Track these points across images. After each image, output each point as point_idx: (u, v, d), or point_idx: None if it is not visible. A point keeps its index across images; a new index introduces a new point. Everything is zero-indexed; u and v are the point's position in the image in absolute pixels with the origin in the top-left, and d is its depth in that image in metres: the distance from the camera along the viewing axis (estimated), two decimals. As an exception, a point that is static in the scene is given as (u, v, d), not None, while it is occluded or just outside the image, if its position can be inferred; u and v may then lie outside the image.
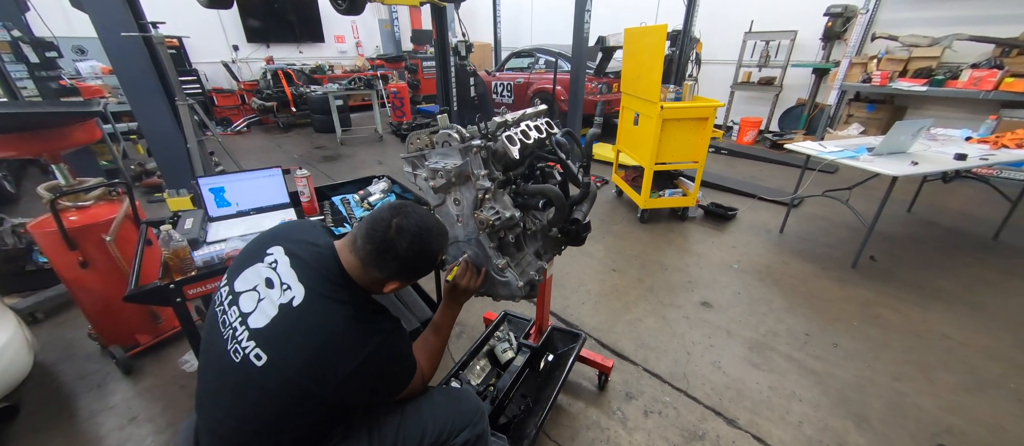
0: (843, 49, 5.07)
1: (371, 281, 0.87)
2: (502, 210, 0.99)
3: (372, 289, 0.89)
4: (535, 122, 1.17)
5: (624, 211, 3.64)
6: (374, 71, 8.22)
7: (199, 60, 7.13)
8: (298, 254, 0.86)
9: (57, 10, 5.34)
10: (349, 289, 0.85)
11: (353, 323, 0.80)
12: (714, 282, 2.58)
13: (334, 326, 0.79)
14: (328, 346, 0.78)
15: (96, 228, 1.64)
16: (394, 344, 0.86)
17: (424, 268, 0.90)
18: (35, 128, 1.48)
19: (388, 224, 0.84)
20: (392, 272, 0.86)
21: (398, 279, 0.88)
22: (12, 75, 3.11)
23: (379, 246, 0.83)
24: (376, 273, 0.85)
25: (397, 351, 0.88)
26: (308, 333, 0.78)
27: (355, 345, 0.79)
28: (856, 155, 2.57)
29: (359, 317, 0.82)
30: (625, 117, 3.59)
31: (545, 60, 6.07)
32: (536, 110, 1.21)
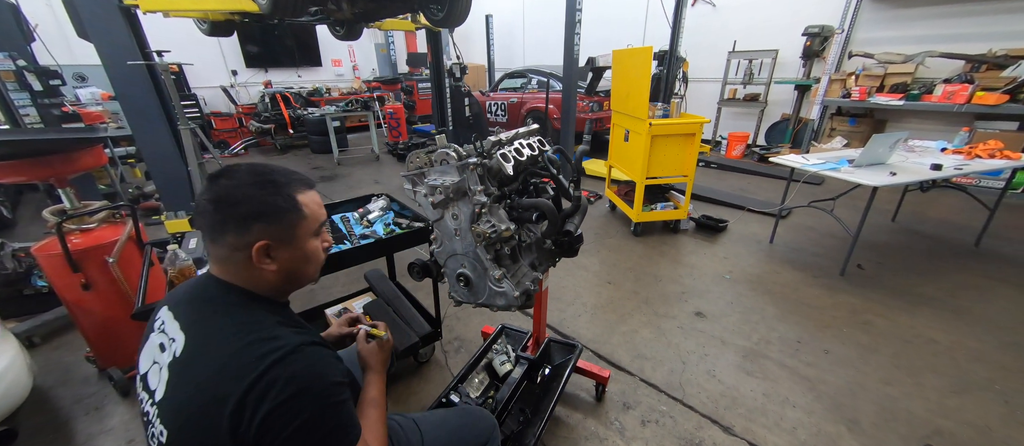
0: (823, 66, 5.29)
1: (239, 265, 0.72)
2: (498, 223, 1.05)
3: (262, 282, 0.74)
4: (528, 140, 1.24)
5: (618, 225, 3.71)
6: (371, 93, 8.39)
7: (198, 85, 7.26)
8: (177, 301, 0.76)
9: (59, 38, 5.45)
10: (233, 301, 0.72)
11: (239, 340, 0.66)
12: (707, 292, 2.64)
13: (217, 352, 0.66)
14: (214, 379, 0.63)
15: (99, 250, 1.68)
16: (301, 362, 0.65)
17: (275, 202, 0.73)
18: (45, 154, 1.53)
19: (206, 185, 0.74)
20: (236, 225, 0.70)
21: (254, 231, 0.71)
22: (15, 102, 3.17)
23: (204, 207, 0.71)
24: (227, 242, 0.71)
25: (310, 371, 0.66)
26: (195, 377, 0.65)
27: (243, 366, 0.63)
28: (838, 167, 2.68)
29: (247, 329, 0.67)
30: (616, 134, 3.70)
31: (537, 80, 6.25)
32: (528, 129, 1.28)
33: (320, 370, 0.68)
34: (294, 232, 0.75)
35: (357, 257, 1.54)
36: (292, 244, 0.75)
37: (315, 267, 0.82)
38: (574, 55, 4.58)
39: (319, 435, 0.64)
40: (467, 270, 1.14)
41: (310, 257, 0.80)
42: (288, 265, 0.76)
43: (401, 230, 1.80)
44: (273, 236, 0.73)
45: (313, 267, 0.82)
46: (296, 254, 0.76)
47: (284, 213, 0.74)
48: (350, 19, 4.19)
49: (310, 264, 0.80)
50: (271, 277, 0.75)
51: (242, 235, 0.71)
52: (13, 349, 1.50)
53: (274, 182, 0.74)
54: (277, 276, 0.75)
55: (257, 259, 0.72)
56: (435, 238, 1.17)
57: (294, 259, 0.76)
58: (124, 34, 2.96)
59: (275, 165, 0.79)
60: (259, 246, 0.71)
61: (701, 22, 6.32)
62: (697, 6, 6.25)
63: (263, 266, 0.73)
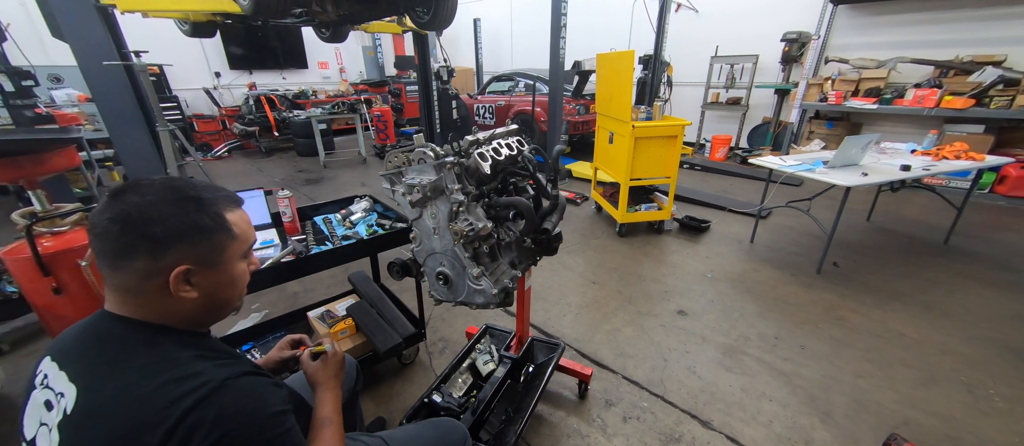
0: (801, 71, 5.44)
1: (151, 296, 0.62)
2: (475, 222, 1.06)
3: (177, 314, 0.65)
4: (507, 140, 1.26)
5: (603, 226, 3.75)
6: (358, 96, 8.34)
7: (180, 87, 7.13)
8: (63, 348, 0.64)
9: (33, 38, 5.30)
10: (135, 339, 0.61)
11: (148, 383, 0.56)
12: (689, 291, 2.69)
13: (121, 401, 0.56)
14: (121, 432, 0.54)
15: (71, 254, 1.64)
16: (228, 399, 0.57)
17: (199, 221, 0.63)
18: (12, 154, 1.49)
19: (107, 201, 0.61)
20: (148, 249, 0.59)
21: (172, 255, 0.61)
22: (-15, 103, 3.08)
23: (104, 228, 0.59)
24: (135, 268, 0.60)
25: (239, 407, 0.58)
26: (96, 435, 0.55)
27: (157, 413, 0.54)
28: (813, 168, 2.76)
29: (157, 370, 0.58)
30: (601, 136, 3.75)
31: (524, 84, 6.29)
32: (507, 129, 1.30)
33: (252, 405, 0.59)
34: (221, 255, 0.66)
35: (338, 258, 1.54)
36: (218, 268, 0.67)
37: (240, 292, 0.73)
38: (560, 59, 4.63)
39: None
40: (446, 269, 1.15)
41: (236, 281, 0.71)
42: (211, 291, 0.66)
43: (384, 231, 1.80)
44: (196, 260, 0.63)
45: (238, 292, 0.73)
46: (222, 279, 0.68)
47: (210, 233, 0.65)
48: (335, 21, 4.17)
49: (235, 289, 0.71)
50: (189, 306, 0.65)
51: (158, 259, 0.60)
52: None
53: (198, 198, 0.65)
54: (196, 305, 0.65)
55: (175, 286, 0.62)
56: (414, 237, 1.18)
57: (219, 284, 0.67)
58: (101, 34, 2.90)
59: (195, 180, 0.72)
60: (178, 271, 0.61)
61: (684, 28, 6.46)
62: (680, 12, 6.38)
63: (181, 294, 0.62)
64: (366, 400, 1.81)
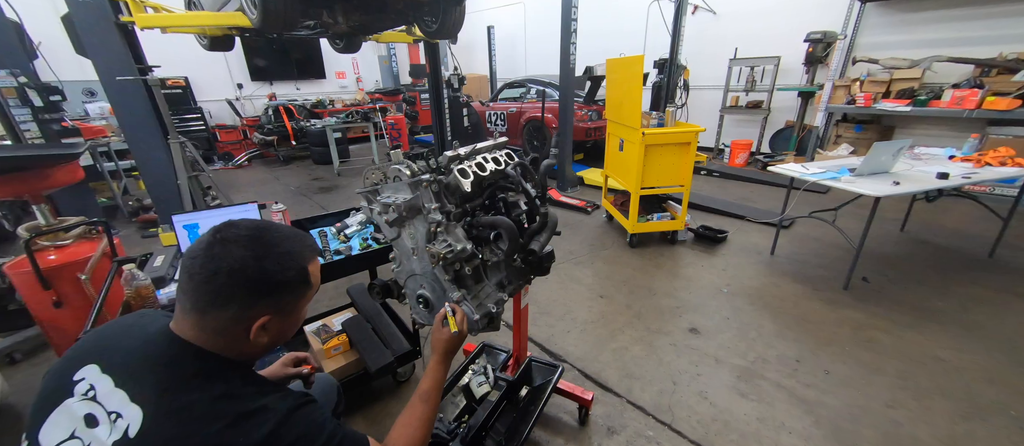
0: (826, 72, 5.18)
1: (230, 337, 0.65)
2: (454, 243, 0.99)
3: (242, 351, 0.68)
4: (493, 154, 1.19)
5: (614, 236, 3.63)
6: (373, 104, 8.47)
7: (204, 98, 7.39)
8: (121, 363, 0.64)
9: (69, 55, 5.59)
10: (206, 370, 0.63)
11: (222, 418, 0.59)
12: (703, 306, 2.54)
13: (198, 434, 0.57)
14: None
15: (72, 267, 1.66)
16: (298, 426, 0.63)
17: (287, 277, 0.68)
18: (15, 170, 1.52)
19: (207, 244, 0.64)
20: (243, 300, 0.64)
21: (260, 307, 0.66)
22: (16, 118, 3.23)
23: (207, 275, 0.62)
24: (225, 315, 0.64)
25: (307, 431, 0.63)
26: None
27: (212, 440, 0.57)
28: (838, 176, 2.58)
29: (227, 403, 0.61)
30: (611, 143, 3.64)
31: (536, 90, 6.23)
32: (494, 142, 1.23)
33: (313, 426, 0.65)
34: (297, 305, 0.72)
35: (326, 275, 1.50)
36: (292, 317, 0.72)
37: (290, 335, 0.77)
38: (571, 64, 4.56)
39: None
40: (427, 291, 1.09)
41: (296, 323, 0.76)
42: (279, 335, 0.72)
43: (379, 245, 1.76)
44: (277, 310, 0.68)
45: (290, 333, 0.77)
46: (292, 324, 0.74)
47: (295, 288, 0.70)
48: (347, 32, 4.22)
49: (292, 327, 0.76)
50: (258, 348, 0.69)
51: (248, 310, 0.65)
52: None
53: (289, 253, 0.69)
54: (265, 347, 0.70)
55: (255, 334, 0.66)
56: (394, 257, 1.12)
57: (286, 328, 0.73)
58: (121, 50, 3.00)
59: (283, 227, 0.74)
60: (262, 322, 0.66)
61: (702, 30, 6.28)
62: (697, 14, 6.20)
63: (256, 339, 0.67)
64: (358, 419, 1.76)
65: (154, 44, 4.82)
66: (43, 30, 4.39)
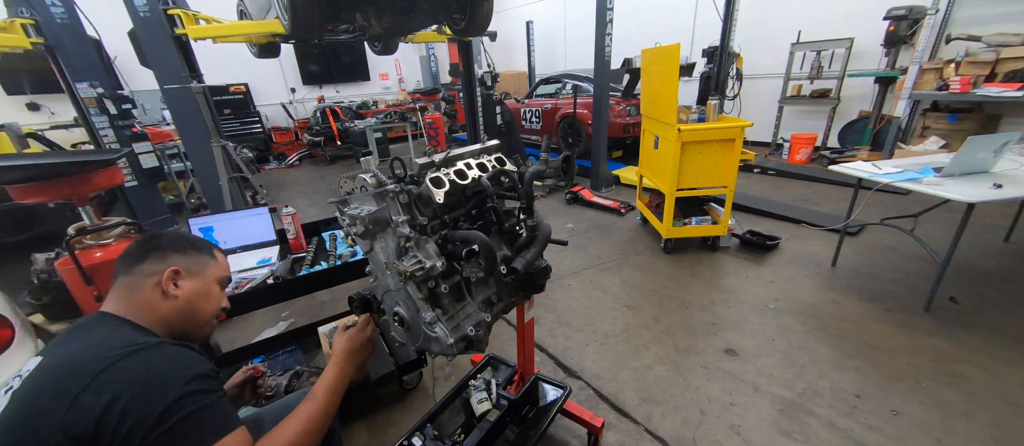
0: (911, 54, 4.47)
1: (148, 290, 0.78)
2: (424, 260, 0.90)
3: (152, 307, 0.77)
4: (479, 159, 1.08)
5: (647, 240, 3.38)
6: (413, 104, 8.68)
7: (262, 102, 7.97)
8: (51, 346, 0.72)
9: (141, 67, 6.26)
10: (107, 323, 0.71)
11: (98, 346, 0.64)
12: (743, 324, 2.26)
13: (69, 356, 0.63)
14: (51, 382, 0.60)
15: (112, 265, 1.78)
16: (152, 360, 0.64)
17: (193, 241, 0.90)
18: (60, 175, 1.66)
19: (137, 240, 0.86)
20: (163, 250, 0.83)
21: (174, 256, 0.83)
22: (96, 125, 3.63)
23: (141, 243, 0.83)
24: (149, 268, 0.80)
25: (159, 367, 0.63)
26: (37, 381, 0.62)
27: (87, 362, 0.60)
28: (919, 177, 2.17)
29: (112, 339, 0.66)
30: (646, 140, 3.39)
31: (572, 85, 6.01)
32: (482, 146, 1.12)
33: (178, 361, 0.66)
34: (204, 269, 0.88)
35: (324, 282, 1.48)
36: (199, 277, 0.86)
37: (210, 313, 0.89)
38: (606, 56, 4.32)
39: (175, 422, 0.60)
40: (401, 309, 1.01)
41: (210, 296, 0.88)
42: (190, 296, 0.83)
43: (383, 250, 1.72)
44: (185, 267, 0.84)
45: (210, 309, 0.88)
46: (199, 288, 0.85)
47: (200, 251, 0.89)
48: (382, 34, 4.30)
49: (210, 303, 0.88)
50: (170, 306, 0.80)
51: (160, 262, 0.81)
52: (27, 354, 1.63)
53: (198, 239, 0.93)
54: (176, 307, 0.80)
55: (166, 282, 0.79)
56: (370, 271, 1.06)
57: (197, 292, 0.85)
58: (175, 61, 3.26)
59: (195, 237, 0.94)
60: (171, 270, 0.81)
61: (759, 12, 5.69)
62: (753, -5, 5.63)
63: (169, 290, 0.79)
64: (361, 428, 1.74)
65: (219, 55, 5.25)
66: (118, 46, 4.91)
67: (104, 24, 3.69)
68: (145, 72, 5.53)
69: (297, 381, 1.67)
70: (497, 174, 1.04)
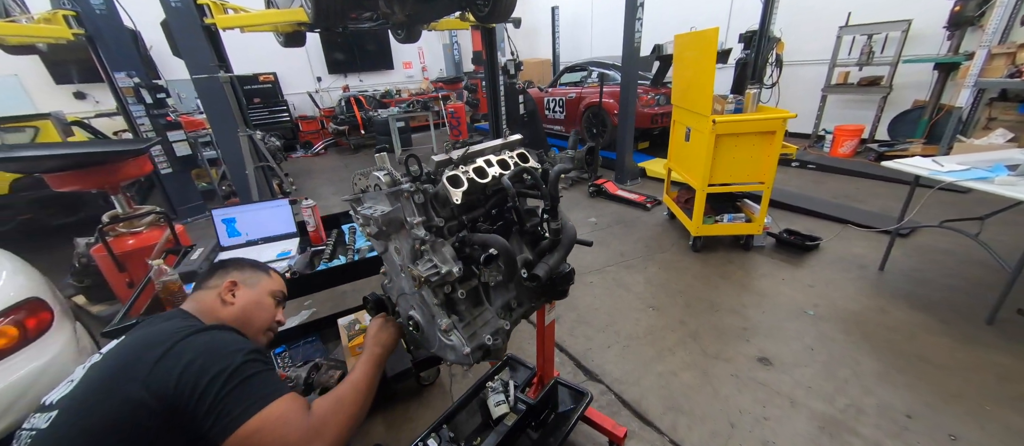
0: (979, 37, 4.04)
1: (211, 298, 0.91)
2: (441, 264, 0.84)
3: (214, 310, 0.90)
4: (500, 155, 1.00)
5: (675, 236, 3.23)
6: (436, 93, 8.65)
7: (290, 91, 8.13)
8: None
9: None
10: (177, 315, 0.84)
11: (167, 327, 0.75)
12: (778, 331, 2.12)
13: (141, 338, 0.73)
14: (133, 352, 0.71)
15: (143, 252, 1.83)
16: (218, 335, 0.76)
17: (251, 262, 1.05)
18: (90, 165, 1.71)
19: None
20: (225, 269, 0.98)
21: (233, 272, 0.98)
22: (134, 114, 3.77)
23: (210, 265, 1.04)
24: (214, 282, 0.94)
25: (224, 339, 0.75)
26: (110, 360, 0.72)
27: (165, 337, 0.71)
28: (990, 176, 1.95)
29: (177, 324, 0.77)
30: (676, 132, 3.22)
31: (599, 73, 5.81)
32: (503, 141, 1.04)
33: (238, 338, 0.77)
34: (258, 282, 1.00)
35: (338, 278, 1.45)
36: (254, 288, 0.98)
37: (264, 321, 0.98)
38: (636, 42, 4.13)
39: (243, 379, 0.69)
40: (416, 313, 0.96)
41: (263, 306, 0.98)
42: (245, 304, 0.94)
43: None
44: (242, 279, 0.98)
45: (264, 317, 0.98)
46: (253, 297, 0.97)
47: (256, 269, 1.03)
48: (404, 22, 4.25)
49: (263, 312, 0.98)
50: (228, 312, 0.91)
51: (222, 277, 0.96)
52: (66, 337, 1.70)
53: (258, 262, 1.08)
54: (234, 312, 0.92)
55: (224, 291, 0.93)
56: (385, 272, 1.01)
57: (251, 301, 0.96)
58: (205, 50, 3.32)
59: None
60: (229, 281, 0.95)
61: (803, -7, 5.30)
62: (798, -26, 5.24)
63: (226, 298, 0.92)
64: (378, 422, 1.74)
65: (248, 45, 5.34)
66: (153, 36, 5.08)
67: (140, 15, 3.79)
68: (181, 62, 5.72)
69: (316, 373, 1.67)
70: (519, 172, 0.96)
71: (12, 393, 1.40)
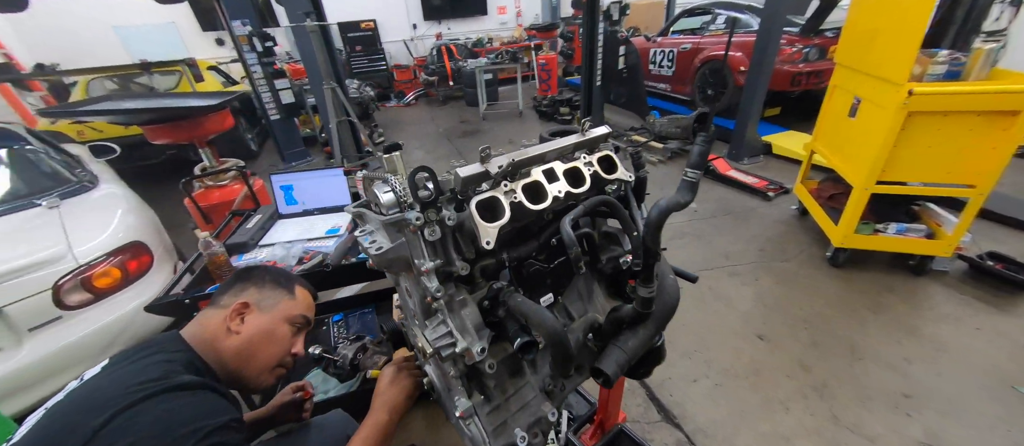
0: None
1: (216, 321, 0.74)
2: (458, 334, 0.56)
3: (215, 339, 0.73)
4: (571, 162, 0.65)
5: (805, 241, 2.51)
6: (528, 42, 8.07)
7: (387, 39, 8.29)
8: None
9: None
10: (164, 346, 0.67)
11: (124, 377, 0.59)
12: (963, 407, 1.48)
13: (87, 394, 0.59)
14: (75, 412, 0.57)
15: (225, 206, 1.90)
16: (177, 404, 0.57)
17: (276, 274, 0.85)
18: (173, 119, 1.75)
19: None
20: (243, 282, 0.81)
21: (250, 289, 0.80)
22: (248, 61, 4.07)
23: (235, 274, 0.83)
24: (226, 300, 0.78)
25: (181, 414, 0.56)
26: (63, 408, 0.58)
27: (112, 396, 0.56)
28: None
29: (146, 372, 0.60)
30: (836, 100, 2.37)
31: (726, 17, 4.69)
32: (577, 139, 0.68)
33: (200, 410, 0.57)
34: (276, 305, 0.80)
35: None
36: (267, 313, 0.78)
37: (270, 360, 0.77)
38: (787, -25, 3.12)
39: None
40: (432, 374, 0.71)
41: (275, 338, 0.78)
42: (252, 335, 0.75)
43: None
44: (256, 301, 0.79)
45: (270, 355, 0.77)
46: (264, 326, 0.77)
47: (278, 286, 0.83)
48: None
49: (271, 346, 0.77)
50: (230, 345, 0.73)
51: (236, 295, 0.79)
52: (164, 279, 1.86)
53: (284, 273, 0.87)
54: (236, 345, 0.73)
55: (231, 316, 0.75)
56: (399, 306, 0.77)
57: (261, 330, 0.76)
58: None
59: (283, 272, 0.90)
60: (239, 303, 0.76)
61: None
62: None
63: (231, 325, 0.74)
64: (418, 418, 1.63)
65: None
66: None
67: (253, -38, 3.94)
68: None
69: (362, 355, 1.60)
70: (597, 201, 0.61)
71: (114, 330, 1.57)
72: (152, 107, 1.82)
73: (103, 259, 1.57)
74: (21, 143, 1.96)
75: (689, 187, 0.54)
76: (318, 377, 1.51)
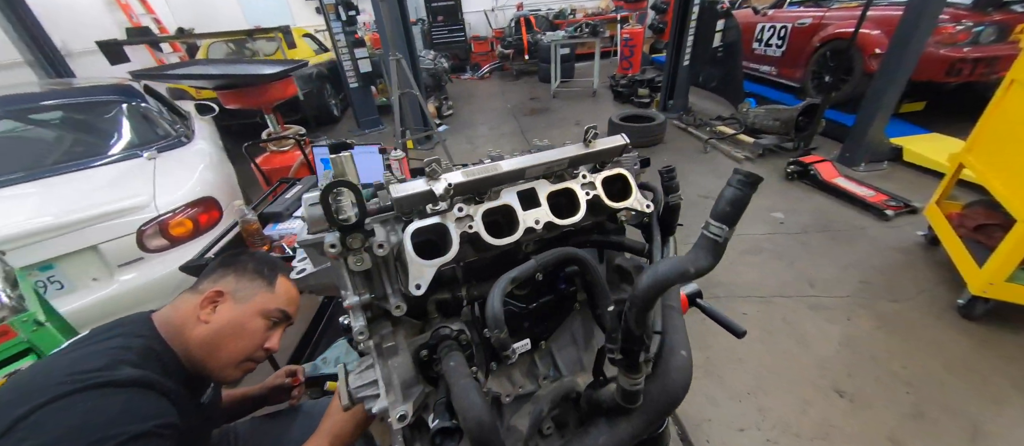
0: None
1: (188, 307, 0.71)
2: (383, 390, 0.45)
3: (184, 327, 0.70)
4: (563, 183, 0.49)
5: (928, 277, 1.98)
6: (615, 13, 7.44)
7: (469, 9, 8.23)
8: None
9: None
10: (128, 329, 0.66)
11: (64, 364, 0.57)
12: None
13: (39, 371, 0.58)
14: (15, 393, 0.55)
15: (283, 171, 2.02)
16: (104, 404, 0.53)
17: (260, 263, 0.80)
18: (239, 86, 1.86)
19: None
20: (224, 269, 0.77)
21: (229, 276, 0.76)
22: (334, 29, 4.30)
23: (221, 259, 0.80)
24: (205, 285, 0.75)
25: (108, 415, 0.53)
26: (6, 388, 0.57)
27: (45, 385, 0.53)
28: None
29: (86, 361, 0.58)
30: (1013, 100, 1.76)
31: (864, -15, 3.79)
32: (578, 152, 0.51)
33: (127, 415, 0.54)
34: (252, 296, 0.75)
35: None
36: (241, 305, 0.74)
37: (236, 354, 0.73)
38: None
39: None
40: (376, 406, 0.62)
41: (245, 331, 0.73)
42: (221, 327, 0.71)
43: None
44: (232, 290, 0.74)
45: (237, 349, 0.73)
46: (235, 318, 0.72)
47: (259, 276, 0.77)
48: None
49: (239, 341, 0.73)
50: (197, 334, 0.70)
51: (215, 281, 0.75)
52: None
53: (270, 261, 0.82)
54: (202, 335, 0.70)
55: (203, 302, 0.72)
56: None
57: (230, 323, 0.72)
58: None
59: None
60: (213, 291, 0.73)
61: None
62: None
63: (201, 313, 0.71)
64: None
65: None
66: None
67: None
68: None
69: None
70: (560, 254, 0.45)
71: (182, 274, 1.77)
72: (217, 73, 1.98)
73: (179, 210, 1.75)
74: (138, 100, 2.25)
75: (711, 247, 0.35)
76: (342, 348, 1.56)
